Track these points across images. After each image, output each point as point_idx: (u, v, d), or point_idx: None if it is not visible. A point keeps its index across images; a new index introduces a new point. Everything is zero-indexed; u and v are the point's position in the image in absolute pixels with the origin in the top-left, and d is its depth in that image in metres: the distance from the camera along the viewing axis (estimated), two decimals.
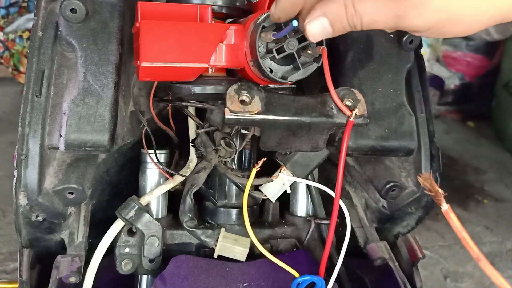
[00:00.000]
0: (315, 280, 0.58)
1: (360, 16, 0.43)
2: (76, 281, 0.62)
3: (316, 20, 0.45)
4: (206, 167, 0.63)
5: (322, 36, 0.46)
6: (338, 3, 0.44)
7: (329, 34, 0.46)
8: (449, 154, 2.68)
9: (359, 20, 0.43)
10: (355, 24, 0.44)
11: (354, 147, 0.63)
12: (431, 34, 0.44)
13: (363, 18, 0.43)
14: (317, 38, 0.46)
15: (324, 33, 0.45)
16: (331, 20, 0.44)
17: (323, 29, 0.45)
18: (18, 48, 3.03)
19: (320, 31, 0.45)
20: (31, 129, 0.58)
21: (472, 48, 3.00)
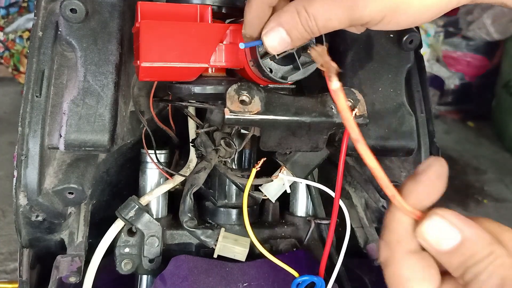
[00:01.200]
0: (315, 280, 0.58)
1: (314, 19, 0.42)
2: (76, 281, 0.62)
3: (273, 31, 0.44)
4: (206, 167, 0.63)
5: (281, 47, 0.45)
6: (291, 11, 0.43)
7: (287, 44, 0.44)
8: (449, 154, 2.68)
9: (314, 23, 0.42)
10: (311, 28, 0.43)
11: (354, 147, 0.63)
12: (387, 25, 0.43)
13: (317, 20, 0.42)
14: (277, 50, 0.45)
15: (282, 43, 0.44)
16: (287, 29, 0.43)
17: (281, 40, 0.44)
18: (18, 48, 3.03)
19: (279, 42, 0.44)
20: (31, 129, 0.58)
21: (472, 48, 3.00)
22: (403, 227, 0.34)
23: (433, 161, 0.33)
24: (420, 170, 0.33)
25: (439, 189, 0.33)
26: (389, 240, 0.34)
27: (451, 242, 0.32)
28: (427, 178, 0.33)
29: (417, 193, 0.33)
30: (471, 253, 0.31)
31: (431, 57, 3.03)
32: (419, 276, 0.33)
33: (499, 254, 0.31)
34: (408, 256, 0.33)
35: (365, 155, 0.33)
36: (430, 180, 0.33)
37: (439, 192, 0.33)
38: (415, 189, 0.33)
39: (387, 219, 0.34)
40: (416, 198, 0.33)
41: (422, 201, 0.33)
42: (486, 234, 0.32)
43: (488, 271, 0.31)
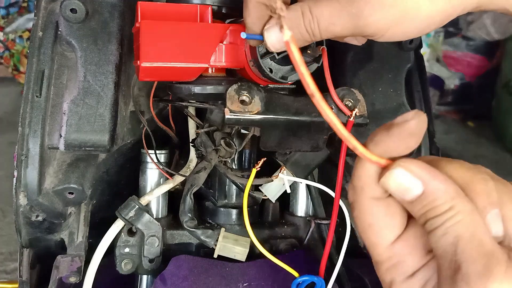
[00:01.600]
0: (315, 280, 0.58)
1: (317, 21, 0.42)
2: (76, 281, 0.62)
3: (273, 28, 0.43)
4: (206, 167, 0.63)
5: (280, 46, 0.44)
6: (295, 10, 0.42)
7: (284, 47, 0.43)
8: (449, 154, 2.68)
9: (316, 25, 0.42)
10: (313, 30, 0.42)
11: None
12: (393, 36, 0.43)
13: (320, 23, 0.42)
14: (276, 48, 0.44)
15: (281, 42, 0.43)
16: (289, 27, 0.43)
17: (281, 38, 0.43)
18: (18, 48, 3.03)
19: (278, 40, 0.43)
20: (31, 129, 0.58)
21: (472, 48, 3.00)
22: (368, 174, 0.34)
23: (411, 116, 0.31)
24: (395, 123, 0.32)
25: (410, 146, 0.33)
26: (354, 185, 0.35)
27: (413, 193, 0.32)
28: (399, 133, 0.32)
29: (385, 145, 0.33)
30: (431, 206, 0.31)
31: (431, 57, 3.03)
32: (381, 222, 0.34)
33: (459, 210, 0.30)
34: (371, 203, 0.34)
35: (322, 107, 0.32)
36: (401, 136, 0.32)
37: (409, 149, 0.33)
38: (384, 140, 0.33)
39: (355, 164, 0.35)
40: (383, 149, 0.33)
41: (390, 153, 0.33)
42: (451, 187, 0.31)
43: (444, 227, 0.31)
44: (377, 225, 0.34)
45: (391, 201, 0.34)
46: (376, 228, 0.34)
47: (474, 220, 0.30)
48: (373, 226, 0.34)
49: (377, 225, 0.34)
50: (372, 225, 0.34)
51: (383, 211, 0.34)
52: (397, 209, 0.34)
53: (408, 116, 0.32)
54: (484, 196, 0.32)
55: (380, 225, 0.34)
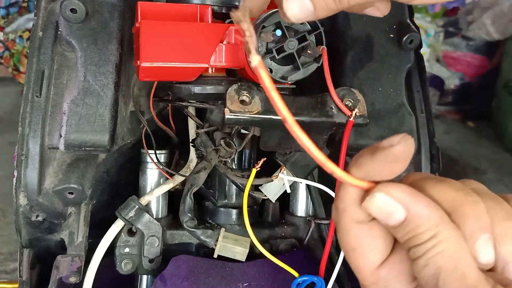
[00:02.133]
0: (315, 280, 0.58)
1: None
2: (76, 281, 0.62)
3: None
4: (206, 167, 0.63)
5: (302, 16, 0.38)
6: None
7: (310, 13, 0.38)
8: (449, 154, 2.68)
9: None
10: None
11: (354, 147, 0.63)
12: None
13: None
14: (297, 18, 0.38)
15: (304, 11, 0.37)
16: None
17: (303, 7, 0.37)
18: (18, 48, 3.03)
19: (300, 9, 0.37)
20: (31, 129, 0.58)
21: (472, 48, 3.00)
22: (350, 197, 0.32)
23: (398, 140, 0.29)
24: (381, 146, 0.30)
25: (395, 171, 0.31)
26: (337, 207, 0.33)
27: (395, 218, 0.30)
28: (383, 158, 0.30)
29: (368, 168, 0.31)
30: (414, 233, 0.30)
31: (431, 57, 3.03)
32: (364, 246, 0.32)
33: (442, 238, 0.29)
34: (354, 225, 0.32)
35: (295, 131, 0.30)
36: (386, 161, 0.30)
37: (394, 174, 0.31)
38: (367, 164, 0.31)
39: (338, 185, 0.33)
40: (366, 173, 0.31)
41: (373, 177, 0.31)
42: (435, 212, 0.29)
43: (426, 257, 0.29)
44: (361, 249, 0.32)
45: (375, 224, 0.32)
46: (360, 251, 0.32)
47: (458, 249, 0.29)
48: (357, 250, 0.33)
49: (360, 248, 0.32)
50: (355, 248, 0.33)
51: (366, 234, 0.32)
52: (381, 232, 0.32)
53: (394, 140, 0.30)
54: (473, 220, 0.30)
55: (364, 248, 0.32)
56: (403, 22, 0.67)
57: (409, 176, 0.33)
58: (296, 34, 0.52)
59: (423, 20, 3.02)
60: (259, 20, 0.52)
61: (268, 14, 0.52)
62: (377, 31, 0.66)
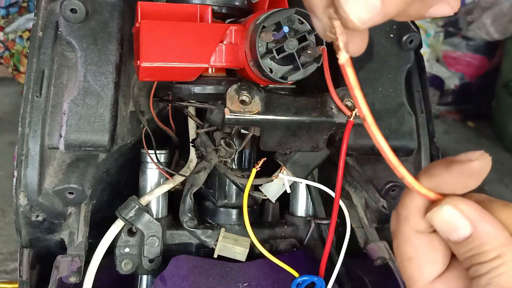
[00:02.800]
0: (315, 280, 0.58)
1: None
2: (76, 281, 0.62)
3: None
4: (206, 167, 0.63)
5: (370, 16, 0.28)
6: None
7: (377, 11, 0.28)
8: (449, 154, 2.67)
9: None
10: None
11: (354, 147, 0.63)
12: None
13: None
14: (364, 21, 0.29)
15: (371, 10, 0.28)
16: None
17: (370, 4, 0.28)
18: (18, 48, 3.03)
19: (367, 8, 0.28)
20: (31, 129, 0.58)
21: (472, 48, 3.00)
22: (414, 205, 0.32)
23: (476, 156, 0.29)
24: (457, 160, 0.30)
25: (468, 186, 0.30)
26: (399, 214, 0.33)
27: (460, 234, 0.30)
28: (459, 172, 0.30)
29: (441, 180, 0.31)
30: (478, 251, 0.29)
31: (431, 57, 3.03)
32: (422, 257, 0.32)
33: (506, 260, 0.28)
34: (414, 235, 0.32)
35: (373, 132, 0.31)
36: (461, 175, 0.30)
37: (466, 189, 0.31)
38: (441, 175, 0.31)
39: (404, 191, 0.33)
40: (437, 184, 0.31)
41: (444, 189, 0.31)
42: (501, 233, 0.29)
43: (488, 277, 0.29)
44: (418, 259, 0.32)
45: (435, 237, 0.32)
46: (417, 262, 0.32)
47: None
48: (414, 260, 0.32)
49: (418, 259, 0.32)
50: (412, 258, 0.32)
51: (425, 245, 0.32)
52: (441, 246, 0.32)
53: (473, 156, 0.30)
54: None
55: (422, 259, 0.32)
56: (403, 22, 0.67)
57: (471, 195, 0.32)
58: (296, 34, 0.52)
59: (423, 20, 3.02)
60: (259, 20, 0.52)
61: (268, 14, 0.52)
62: (377, 31, 0.66)
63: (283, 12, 0.52)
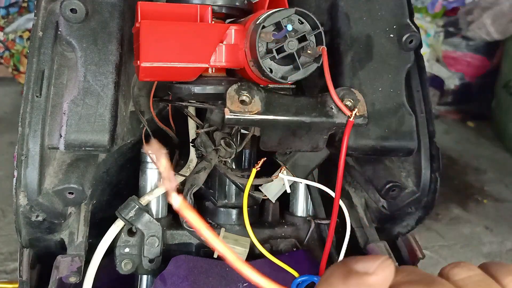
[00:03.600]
0: (315, 280, 0.58)
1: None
2: (76, 281, 0.62)
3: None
4: (206, 167, 0.63)
5: None
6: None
7: None
8: (449, 154, 2.68)
9: None
10: None
11: (354, 147, 0.63)
12: None
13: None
14: None
15: None
16: None
17: None
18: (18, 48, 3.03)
19: None
20: (31, 129, 0.58)
21: (472, 48, 3.00)
22: None
23: (375, 267, 0.27)
24: (354, 270, 0.27)
25: None
26: None
27: None
28: (356, 285, 0.27)
29: None
30: None
31: (431, 57, 3.03)
32: None
33: None
34: None
35: (237, 267, 0.28)
36: None
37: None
38: (338, 287, 0.28)
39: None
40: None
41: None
42: None
43: None
44: None
45: None
46: None
47: None
48: None
49: None
50: None
51: None
52: None
53: (371, 266, 0.27)
54: None
55: None
56: (403, 22, 0.67)
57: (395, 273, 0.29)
58: (296, 34, 0.52)
59: (423, 20, 3.02)
60: (259, 20, 0.52)
61: (268, 14, 0.52)
62: (377, 31, 0.66)
63: (283, 12, 0.52)
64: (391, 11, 0.67)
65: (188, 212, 0.27)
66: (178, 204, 0.27)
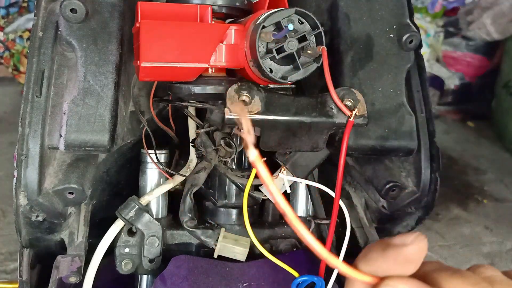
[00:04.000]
0: (315, 280, 0.58)
1: None
2: (76, 281, 0.62)
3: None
4: (206, 167, 0.63)
5: None
6: None
7: None
8: (449, 154, 2.68)
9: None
10: None
11: (354, 147, 0.63)
12: None
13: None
14: None
15: None
16: None
17: None
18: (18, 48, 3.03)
19: None
20: (31, 129, 0.58)
21: (472, 48, 3.00)
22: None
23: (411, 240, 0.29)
24: (392, 244, 0.29)
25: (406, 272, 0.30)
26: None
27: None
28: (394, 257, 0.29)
29: (377, 265, 0.30)
30: None
31: (431, 57, 3.03)
32: None
33: None
34: None
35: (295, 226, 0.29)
36: (397, 260, 0.29)
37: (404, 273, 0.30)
38: (377, 260, 0.30)
39: (346, 280, 0.33)
40: (375, 269, 0.30)
41: (383, 273, 0.30)
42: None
43: None
44: None
45: None
46: None
47: None
48: None
49: None
50: None
51: None
52: None
53: (407, 239, 0.29)
54: None
55: None
56: (403, 22, 0.67)
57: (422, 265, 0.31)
58: (296, 34, 0.52)
59: (423, 20, 3.02)
60: (259, 20, 0.52)
61: (268, 14, 0.52)
62: (377, 31, 0.66)
63: (283, 12, 0.52)
64: (391, 11, 0.67)
65: (261, 166, 0.30)
66: (254, 157, 0.30)
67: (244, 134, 0.32)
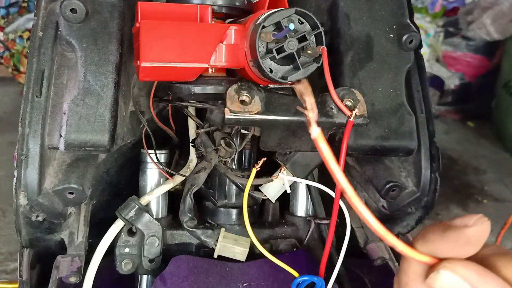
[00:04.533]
0: (315, 280, 0.58)
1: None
2: (76, 281, 0.62)
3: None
4: (206, 167, 0.63)
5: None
6: None
7: None
8: (449, 154, 2.68)
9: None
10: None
11: (354, 147, 0.63)
12: None
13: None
14: None
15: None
16: None
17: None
18: (18, 48, 3.04)
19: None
20: (31, 129, 0.58)
21: (472, 48, 3.00)
22: (413, 271, 0.32)
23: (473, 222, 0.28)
24: (453, 225, 0.29)
25: (465, 253, 0.29)
26: (400, 280, 0.32)
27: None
28: (455, 239, 0.29)
29: (436, 246, 0.30)
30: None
31: (431, 57, 3.03)
32: None
33: None
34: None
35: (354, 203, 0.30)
36: (457, 242, 0.29)
37: (464, 256, 0.29)
38: (436, 241, 0.30)
39: (402, 258, 0.32)
40: (433, 249, 0.30)
41: (442, 254, 0.30)
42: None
43: None
44: None
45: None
46: None
47: None
48: None
49: None
50: None
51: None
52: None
53: (469, 220, 0.28)
54: None
55: None
56: (403, 22, 0.67)
57: (481, 248, 0.31)
58: (296, 34, 0.52)
59: (423, 20, 3.02)
60: (259, 20, 0.52)
61: (268, 14, 0.52)
62: (377, 31, 0.66)
63: (283, 12, 0.52)
64: (391, 11, 0.67)
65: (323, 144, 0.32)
66: (316, 134, 0.32)
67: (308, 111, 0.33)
